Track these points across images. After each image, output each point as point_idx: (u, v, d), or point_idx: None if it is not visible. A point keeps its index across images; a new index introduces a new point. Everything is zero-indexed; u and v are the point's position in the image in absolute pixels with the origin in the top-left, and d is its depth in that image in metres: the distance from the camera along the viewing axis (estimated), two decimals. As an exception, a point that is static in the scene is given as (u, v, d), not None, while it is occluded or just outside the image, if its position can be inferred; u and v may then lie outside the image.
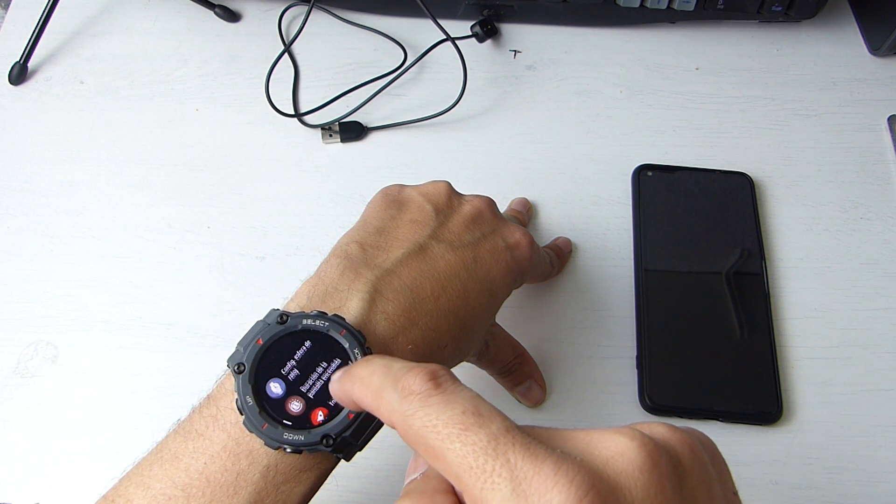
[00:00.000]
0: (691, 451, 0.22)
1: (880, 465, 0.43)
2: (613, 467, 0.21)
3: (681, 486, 0.21)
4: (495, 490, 0.20)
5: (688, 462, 0.22)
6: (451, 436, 0.21)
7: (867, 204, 0.52)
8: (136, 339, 0.47)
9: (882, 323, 0.48)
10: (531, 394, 0.44)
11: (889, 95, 0.57)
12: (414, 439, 0.22)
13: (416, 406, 0.22)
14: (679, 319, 0.47)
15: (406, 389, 0.23)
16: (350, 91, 0.56)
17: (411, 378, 0.23)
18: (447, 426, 0.21)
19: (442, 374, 0.23)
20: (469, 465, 0.20)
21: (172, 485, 0.28)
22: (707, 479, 0.22)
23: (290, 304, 0.32)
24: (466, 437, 0.21)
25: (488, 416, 0.22)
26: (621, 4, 0.57)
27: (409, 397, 0.23)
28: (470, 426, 0.21)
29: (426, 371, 0.23)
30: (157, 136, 0.55)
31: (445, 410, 0.22)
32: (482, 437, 0.21)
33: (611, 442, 0.21)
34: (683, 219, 0.50)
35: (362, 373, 0.26)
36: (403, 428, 0.23)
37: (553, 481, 0.19)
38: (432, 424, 0.22)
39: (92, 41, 0.60)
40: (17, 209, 0.52)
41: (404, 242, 0.34)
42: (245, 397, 0.28)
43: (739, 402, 0.44)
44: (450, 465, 0.21)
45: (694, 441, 0.23)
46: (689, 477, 0.22)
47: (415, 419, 0.22)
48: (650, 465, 0.21)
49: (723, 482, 0.23)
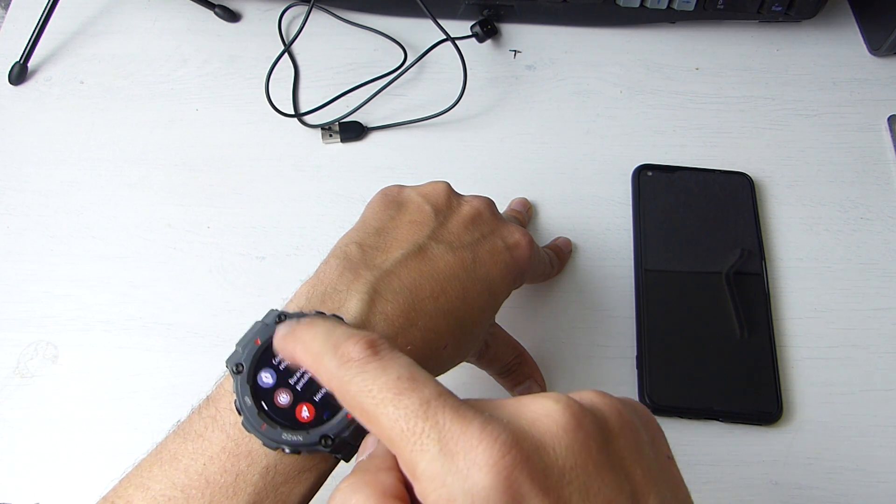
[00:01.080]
0: (619, 414, 0.23)
1: (880, 465, 0.43)
2: (539, 427, 0.21)
3: (607, 446, 0.22)
4: (424, 451, 0.21)
5: (615, 425, 0.22)
6: (384, 400, 0.22)
7: (867, 204, 0.52)
8: (136, 339, 0.47)
9: (882, 323, 0.48)
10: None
11: (889, 95, 0.57)
12: (351, 404, 0.23)
13: (353, 372, 0.23)
14: (679, 319, 0.47)
15: (345, 356, 0.24)
16: (350, 91, 0.56)
17: (350, 345, 0.24)
18: (381, 391, 0.22)
19: (380, 342, 0.24)
20: (401, 427, 0.21)
21: (172, 486, 0.28)
22: (636, 441, 0.23)
23: (289, 305, 0.32)
24: (399, 402, 0.22)
25: (422, 381, 0.22)
26: (621, 4, 0.57)
27: (347, 363, 0.23)
28: (403, 391, 0.22)
29: (365, 339, 0.24)
30: (157, 136, 0.55)
31: (381, 376, 0.23)
32: (414, 401, 0.21)
33: (536, 405, 0.22)
34: (683, 219, 0.50)
35: (305, 336, 0.26)
36: (341, 393, 0.23)
37: (478, 439, 0.20)
38: (367, 390, 0.22)
39: (92, 41, 0.60)
40: (17, 209, 0.52)
41: (403, 243, 0.34)
42: (244, 398, 0.28)
43: (739, 402, 0.44)
44: (383, 429, 0.22)
45: (623, 406, 0.23)
46: (615, 438, 0.22)
47: (351, 385, 0.23)
48: (574, 424, 0.21)
49: (656, 446, 0.24)
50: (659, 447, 0.24)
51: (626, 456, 0.22)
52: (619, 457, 0.22)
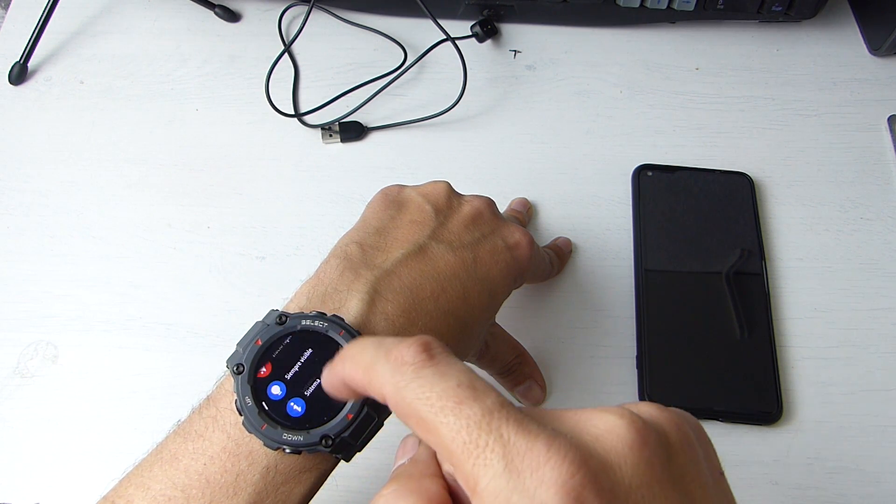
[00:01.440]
0: (679, 430, 0.22)
1: (880, 465, 0.43)
2: (604, 444, 0.20)
3: (669, 463, 0.21)
4: (488, 465, 0.19)
5: (676, 441, 0.22)
6: (444, 409, 0.21)
7: (867, 204, 0.52)
8: (136, 339, 0.47)
9: (882, 323, 0.48)
10: (531, 394, 0.44)
11: (889, 95, 0.57)
12: (406, 412, 0.22)
13: (408, 377, 0.22)
14: (679, 319, 0.47)
15: (398, 360, 0.22)
16: (350, 91, 0.56)
17: (404, 349, 0.22)
18: (441, 399, 0.21)
19: (435, 345, 0.23)
20: (462, 439, 0.20)
21: (172, 486, 0.28)
22: (695, 458, 0.22)
23: (289, 305, 0.32)
24: (460, 411, 0.20)
25: (483, 390, 0.21)
26: (621, 4, 0.57)
27: (401, 368, 0.22)
28: (464, 399, 0.21)
29: (419, 342, 0.22)
30: (157, 136, 0.55)
31: (439, 382, 0.21)
32: (476, 412, 0.20)
33: (601, 420, 0.21)
34: (683, 219, 0.50)
35: (352, 351, 0.25)
36: (395, 400, 0.22)
37: (546, 457, 0.19)
38: (426, 396, 0.21)
39: (92, 41, 0.60)
40: (17, 209, 0.52)
41: (404, 243, 0.34)
42: (244, 398, 0.28)
43: (739, 402, 0.44)
44: (442, 439, 0.20)
45: (682, 420, 0.23)
46: (677, 455, 0.22)
47: (407, 391, 0.22)
48: (640, 442, 0.21)
49: (709, 462, 0.23)
50: (712, 462, 0.23)
51: (687, 473, 0.21)
52: (680, 474, 0.21)
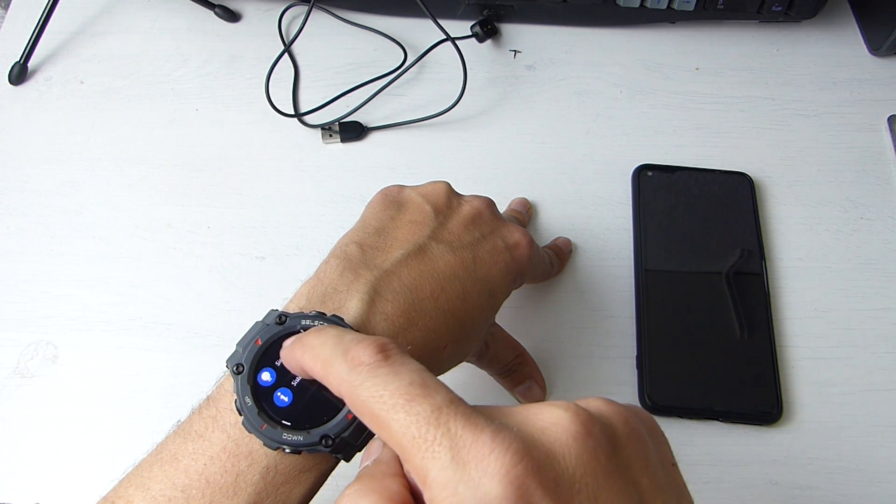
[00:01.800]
0: (626, 422, 0.23)
1: (880, 465, 0.43)
2: (548, 436, 0.21)
3: (615, 454, 0.22)
4: (436, 458, 0.20)
5: (622, 432, 0.23)
6: (395, 406, 0.22)
7: (867, 204, 0.52)
8: (136, 339, 0.47)
9: (882, 323, 0.48)
10: (531, 394, 0.44)
11: (889, 95, 0.57)
12: (361, 409, 0.23)
13: (364, 377, 0.23)
14: (679, 319, 0.47)
15: (355, 360, 0.23)
16: (350, 91, 0.56)
17: (361, 349, 0.24)
18: (393, 396, 0.22)
19: (391, 346, 0.24)
20: (412, 434, 0.21)
21: (172, 486, 0.28)
22: (643, 449, 0.23)
23: (289, 305, 0.32)
24: (411, 408, 0.21)
25: (433, 387, 0.22)
26: (621, 4, 0.57)
27: (357, 368, 0.23)
28: (415, 396, 0.22)
29: (376, 343, 0.24)
30: (157, 136, 0.55)
31: (392, 381, 0.22)
32: (426, 408, 0.21)
33: (547, 413, 0.22)
34: (683, 219, 0.50)
35: (314, 342, 0.26)
36: (351, 398, 0.23)
37: (490, 448, 0.20)
38: (379, 395, 0.22)
39: (92, 41, 0.60)
40: (17, 209, 0.52)
41: (404, 243, 0.34)
42: (244, 398, 0.28)
43: (739, 402, 0.44)
44: (394, 435, 0.21)
45: (629, 413, 0.23)
46: (623, 447, 0.22)
47: (362, 389, 0.23)
48: (584, 433, 0.21)
49: (661, 453, 0.24)
50: (664, 455, 0.24)
51: (634, 464, 0.22)
52: (626, 465, 0.22)
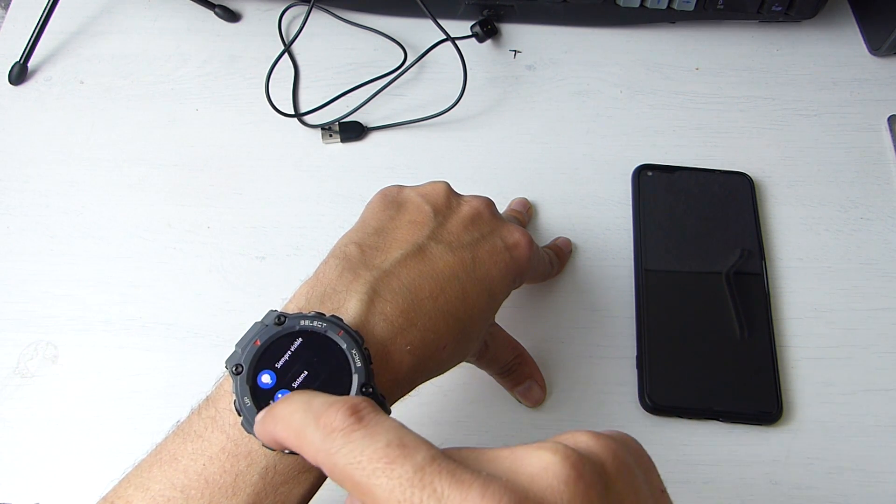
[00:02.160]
0: (615, 456, 0.22)
1: (880, 465, 0.43)
2: (539, 484, 0.21)
3: (607, 492, 0.21)
4: None
5: (612, 468, 0.22)
6: (376, 471, 0.21)
7: (867, 204, 0.52)
8: (136, 339, 0.47)
9: (882, 323, 0.48)
10: (531, 394, 0.44)
11: (889, 95, 0.57)
12: (340, 477, 0.22)
13: (339, 443, 0.22)
14: (679, 319, 0.47)
15: (328, 427, 0.23)
16: (350, 91, 0.56)
17: (332, 414, 0.23)
18: (371, 461, 0.21)
19: (363, 406, 0.23)
20: (396, 499, 0.20)
21: (171, 486, 0.28)
22: (633, 482, 0.22)
23: (288, 306, 0.32)
24: (392, 471, 0.21)
25: (413, 446, 0.21)
26: (621, 4, 0.57)
27: (331, 435, 0.22)
28: (395, 458, 0.21)
29: (347, 406, 0.23)
30: (157, 136, 0.55)
31: (369, 444, 0.21)
32: (407, 469, 0.20)
33: (534, 458, 0.21)
34: (683, 219, 0.50)
35: (283, 412, 0.25)
36: (328, 467, 0.22)
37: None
38: (357, 461, 0.21)
39: (92, 41, 0.60)
40: (17, 209, 0.52)
41: (403, 243, 0.34)
42: (243, 398, 0.28)
43: (739, 402, 0.44)
44: (378, 501, 0.21)
45: (617, 445, 0.23)
46: (614, 482, 0.22)
47: (339, 457, 0.22)
48: (575, 476, 0.21)
49: (650, 482, 0.23)
50: (652, 482, 0.24)
51: (625, 499, 0.22)
52: (619, 500, 0.22)
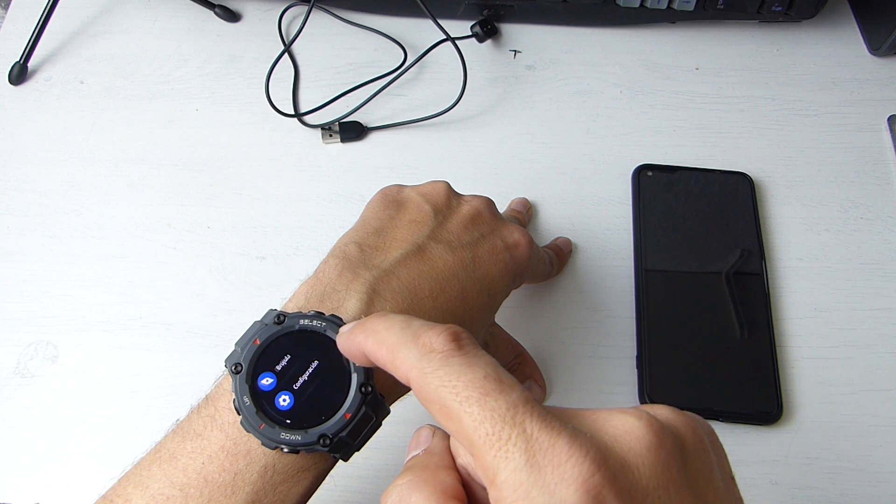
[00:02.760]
0: (694, 434, 0.23)
1: (880, 465, 0.43)
2: (622, 445, 0.21)
3: (685, 466, 0.21)
4: (509, 458, 0.20)
5: (691, 445, 0.22)
6: (469, 399, 0.21)
7: (867, 204, 0.52)
8: (136, 339, 0.47)
9: (882, 323, 0.48)
10: (531, 394, 0.44)
11: (889, 95, 0.57)
12: (430, 397, 0.22)
13: (436, 364, 0.22)
14: (679, 319, 0.47)
15: (427, 346, 0.23)
16: (350, 91, 0.56)
17: (433, 335, 0.23)
18: (467, 388, 0.21)
19: (464, 335, 0.23)
20: (486, 430, 0.20)
21: (170, 485, 0.28)
22: (708, 462, 0.22)
23: (288, 305, 0.32)
24: (486, 402, 0.21)
25: (509, 383, 0.21)
26: (621, 4, 0.57)
27: (429, 354, 0.22)
28: (490, 391, 0.21)
29: (449, 331, 0.23)
30: (157, 136, 0.55)
31: (467, 372, 0.21)
32: (501, 404, 0.21)
33: (619, 421, 0.21)
34: (683, 219, 0.50)
35: (378, 326, 0.25)
36: (420, 385, 0.22)
37: (567, 454, 0.19)
38: (451, 385, 0.21)
39: (92, 41, 0.60)
40: (17, 209, 0.52)
41: (403, 243, 0.34)
42: (242, 397, 0.28)
43: (739, 402, 0.44)
44: (465, 429, 0.21)
45: (696, 425, 0.23)
46: (692, 458, 0.22)
47: (434, 377, 0.22)
48: (657, 444, 0.21)
49: (721, 467, 0.23)
50: (724, 468, 0.23)
51: (701, 476, 0.22)
52: (694, 477, 0.21)
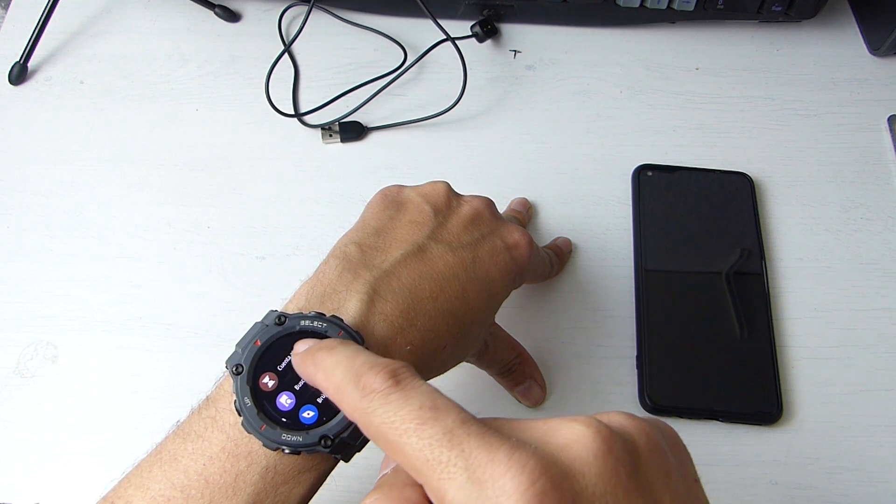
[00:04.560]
0: (648, 438, 0.23)
1: (880, 465, 0.43)
2: (568, 454, 0.21)
3: (636, 471, 0.21)
4: (451, 479, 0.20)
5: (644, 449, 0.22)
6: (407, 431, 0.22)
7: (867, 204, 0.52)
8: (136, 339, 0.47)
9: (882, 323, 0.48)
10: (531, 394, 0.44)
11: (889, 95, 0.57)
12: (374, 435, 0.23)
13: (376, 403, 0.23)
14: (679, 319, 0.47)
15: (367, 388, 0.24)
16: (350, 91, 0.56)
17: (372, 376, 0.24)
18: (404, 422, 0.22)
19: (402, 371, 0.24)
20: (425, 457, 0.21)
21: (171, 486, 0.28)
22: (664, 465, 0.22)
23: (288, 306, 0.32)
24: (422, 431, 0.22)
25: (444, 409, 0.22)
26: (621, 4, 0.57)
27: (369, 395, 0.23)
28: (427, 420, 0.22)
29: (387, 369, 0.24)
30: (157, 136, 0.55)
31: (403, 406, 0.22)
32: (437, 431, 0.21)
33: (567, 429, 0.22)
34: (683, 219, 0.50)
35: (326, 362, 0.26)
36: (365, 425, 0.23)
37: (506, 467, 0.20)
38: (390, 421, 0.22)
39: (92, 41, 0.60)
40: (17, 209, 0.52)
41: (403, 243, 0.34)
42: (243, 398, 0.28)
43: (739, 402, 0.44)
44: (409, 459, 0.22)
45: (651, 429, 0.23)
46: (645, 463, 0.22)
47: (374, 416, 0.23)
48: (605, 450, 0.21)
49: (683, 469, 0.23)
50: (686, 470, 0.23)
51: (655, 481, 0.22)
52: (648, 482, 0.22)
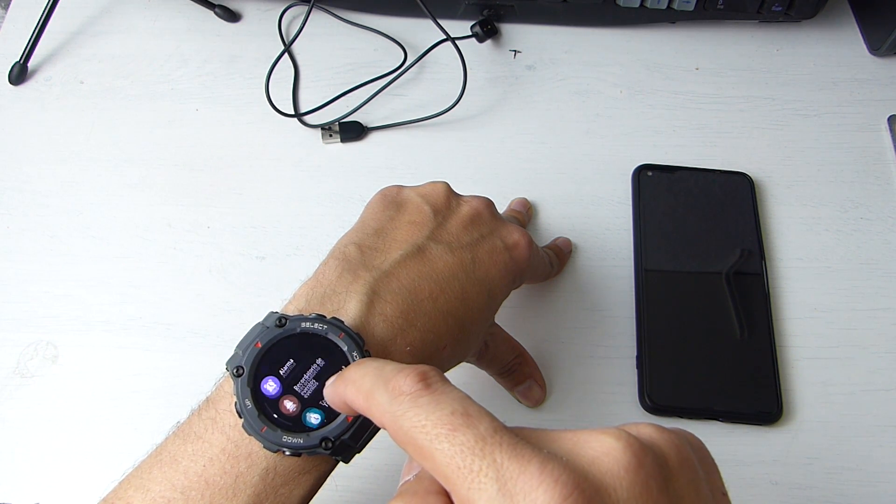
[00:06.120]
0: (678, 451, 0.22)
1: (880, 465, 0.43)
2: (599, 467, 0.21)
3: (667, 485, 0.21)
4: (482, 490, 0.20)
5: (675, 462, 0.22)
6: (439, 436, 0.21)
7: (867, 204, 0.52)
8: (136, 339, 0.47)
9: (882, 323, 0.48)
10: (531, 394, 0.44)
11: (889, 95, 0.57)
12: (403, 439, 0.22)
13: (405, 406, 0.23)
14: (679, 319, 0.47)
15: (396, 390, 0.23)
16: (350, 91, 0.56)
17: (401, 379, 0.23)
18: (436, 426, 0.22)
19: (432, 374, 0.23)
20: (457, 464, 0.21)
21: (171, 487, 0.28)
22: (695, 479, 0.22)
23: (288, 307, 0.32)
24: (454, 438, 0.21)
25: (477, 416, 0.22)
26: (621, 4, 0.57)
27: (399, 398, 0.23)
28: (458, 426, 0.21)
29: (416, 372, 0.23)
30: (157, 136, 0.55)
31: (434, 411, 0.22)
32: (469, 438, 0.21)
33: (597, 442, 0.21)
34: (683, 219, 0.50)
35: (354, 375, 0.26)
36: (393, 428, 0.23)
37: (538, 480, 0.20)
38: (421, 425, 0.22)
39: (92, 41, 0.60)
40: (17, 209, 0.52)
41: (402, 244, 0.34)
42: (244, 400, 0.28)
43: (739, 402, 0.44)
44: (438, 465, 0.21)
45: (681, 441, 0.23)
46: (675, 477, 0.22)
47: (404, 419, 0.22)
48: (636, 464, 0.21)
49: (711, 483, 0.23)
50: (714, 483, 0.23)
51: (685, 495, 0.21)
52: (678, 496, 0.21)
